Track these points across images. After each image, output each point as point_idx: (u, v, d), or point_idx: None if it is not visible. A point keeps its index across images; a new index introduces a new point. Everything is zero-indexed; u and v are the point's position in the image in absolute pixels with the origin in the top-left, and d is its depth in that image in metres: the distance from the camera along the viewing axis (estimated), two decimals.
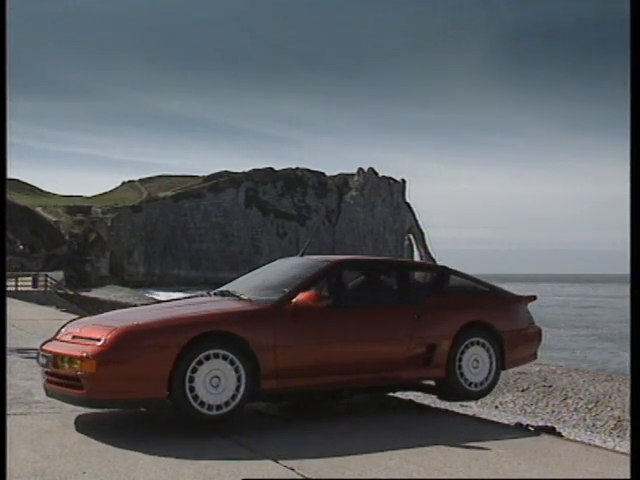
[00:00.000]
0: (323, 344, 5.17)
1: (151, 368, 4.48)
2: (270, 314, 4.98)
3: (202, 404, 4.54)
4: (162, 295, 59.73)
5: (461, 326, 5.74)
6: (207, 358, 4.58)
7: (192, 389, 4.51)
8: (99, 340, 4.53)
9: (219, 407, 4.60)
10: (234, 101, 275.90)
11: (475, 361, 5.80)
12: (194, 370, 4.53)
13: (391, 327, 5.54)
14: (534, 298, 6.63)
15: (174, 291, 79.63)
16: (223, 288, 5.81)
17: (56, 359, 4.69)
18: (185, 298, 5.93)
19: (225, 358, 4.64)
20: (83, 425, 4.81)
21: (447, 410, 6.48)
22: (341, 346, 5.27)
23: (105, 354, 4.45)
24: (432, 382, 5.92)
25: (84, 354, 4.49)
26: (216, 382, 4.59)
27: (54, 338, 5.05)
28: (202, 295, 5.94)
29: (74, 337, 4.79)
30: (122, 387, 4.48)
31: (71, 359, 4.57)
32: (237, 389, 4.67)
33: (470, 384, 5.78)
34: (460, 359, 5.72)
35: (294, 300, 5.07)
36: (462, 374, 5.72)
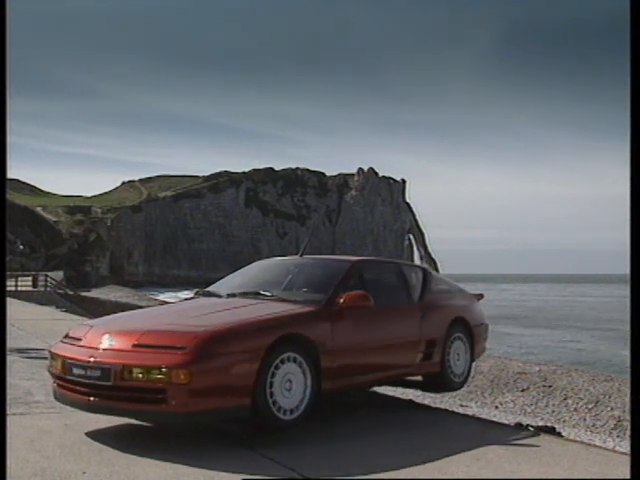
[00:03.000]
0: (367, 343, 5.26)
1: (239, 374, 4.22)
2: (325, 315, 4.97)
3: (279, 409, 4.43)
4: (172, 295, 59.09)
5: (450, 322, 6.12)
6: (282, 362, 4.46)
7: (271, 394, 4.38)
8: (183, 347, 4.13)
9: (292, 411, 4.51)
10: (234, 101, 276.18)
11: (457, 354, 6.22)
12: (273, 375, 4.39)
13: (409, 325, 5.79)
14: (482, 296, 7.19)
15: (175, 291, 79.60)
16: (243, 290, 5.51)
17: (122, 371, 4.12)
18: (201, 299, 5.63)
19: (295, 360, 4.55)
20: (83, 425, 4.80)
21: (447, 410, 6.50)
22: (380, 344, 5.40)
23: (196, 362, 4.07)
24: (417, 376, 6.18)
25: (171, 363, 4.05)
26: (289, 386, 4.49)
27: (81, 346, 4.51)
28: (211, 294, 5.65)
29: (136, 345, 4.26)
30: (210, 397, 4.14)
31: (150, 370, 4.07)
32: (304, 392, 4.60)
33: (455, 376, 6.18)
34: (449, 353, 6.09)
35: (342, 300, 5.09)
36: (449, 367, 6.09)
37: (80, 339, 4.64)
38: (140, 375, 4.10)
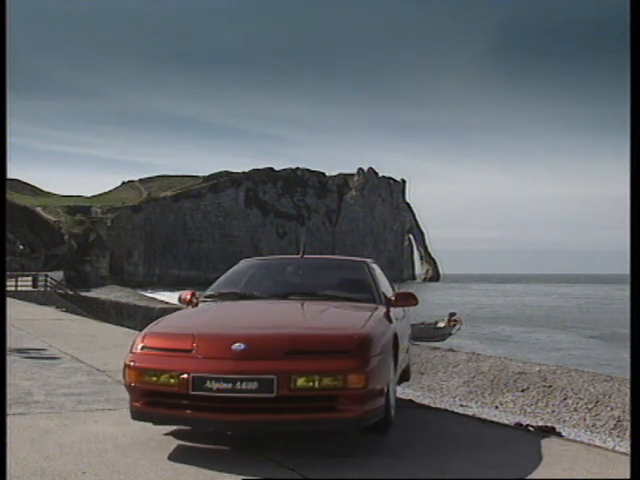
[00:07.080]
0: (405, 340, 5.52)
1: (385, 375, 4.19)
2: (389, 314, 5.03)
3: (391, 407, 4.48)
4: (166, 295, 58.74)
5: (407, 319, 6.46)
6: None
7: (389, 393, 4.39)
8: (346, 351, 3.94)
9: (393, 408, 4.59)
10: (234, 101, 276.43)
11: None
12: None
13: (406, 322, 6.10)
14: None
15: (174, 291, 79.48)
16: (283, 290, 5.39)
17: (288, 380, 3.80)
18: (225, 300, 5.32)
19: (392, 359, 4.59)
20: (83, 425, 4.80)
21: (447, 410, 6.50)
22: (407, 340, 5.74)
23: (367, 365, 3.93)
24: None
25: (345, 368, 3.85)
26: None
27: (204, 357, 3.97)
28: (245, 296, 5.34)
29: (291, 352, 3.94)
30: (369, 401, 3.98)
31: (323, 376, 3.82)
32: (394, 389, 4.69)
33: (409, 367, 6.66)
34: (409, 348, 6.48)
35: (393, 299, 5.27)
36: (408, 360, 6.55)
37: (189, 350, 4.04)
38: (310, 383, 3.83)
